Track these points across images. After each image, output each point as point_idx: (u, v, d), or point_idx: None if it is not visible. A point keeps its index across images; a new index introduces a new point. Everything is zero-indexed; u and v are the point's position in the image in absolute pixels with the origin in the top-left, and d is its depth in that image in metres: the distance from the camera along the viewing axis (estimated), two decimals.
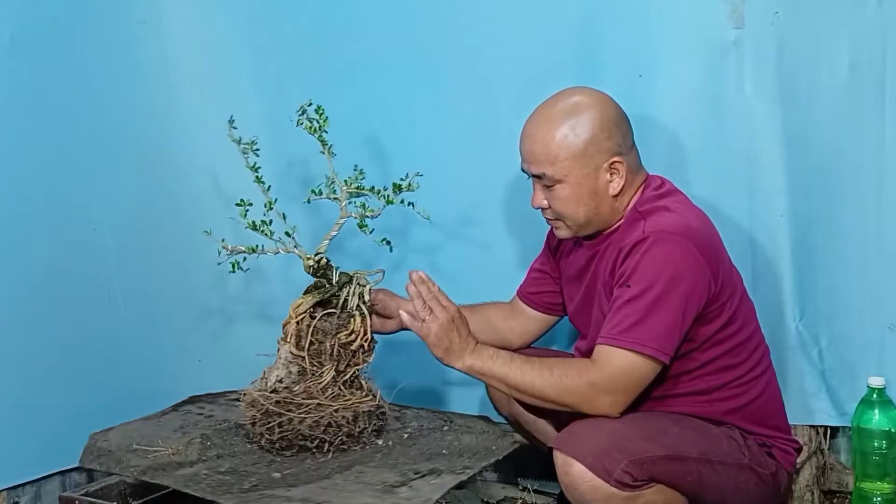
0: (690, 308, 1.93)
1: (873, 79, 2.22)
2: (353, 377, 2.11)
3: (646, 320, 1.90)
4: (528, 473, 2.60)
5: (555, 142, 1.99)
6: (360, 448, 2.09)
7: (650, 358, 1.91)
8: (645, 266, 1.92)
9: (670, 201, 2.04)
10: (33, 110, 2.40)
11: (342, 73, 2.56)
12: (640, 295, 1.91)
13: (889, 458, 2.20)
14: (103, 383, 2.53)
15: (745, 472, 2.00)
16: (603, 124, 2.00)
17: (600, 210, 2.04)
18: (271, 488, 1.92)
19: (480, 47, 2.48)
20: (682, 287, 1.91)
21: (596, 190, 2.01)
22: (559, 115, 2.01)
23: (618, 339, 1.91)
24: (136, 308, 2.60)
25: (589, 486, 1.85)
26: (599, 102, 2.03)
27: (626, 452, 1.86)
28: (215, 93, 2.67)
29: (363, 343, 2.12)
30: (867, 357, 2.31)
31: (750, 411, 2.05)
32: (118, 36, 2.56)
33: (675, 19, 2.32)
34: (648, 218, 2.00)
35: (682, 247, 1.93)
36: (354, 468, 2.00)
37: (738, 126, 2.31)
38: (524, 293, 2.34)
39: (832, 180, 2.29)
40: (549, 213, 2.07)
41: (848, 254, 2.30)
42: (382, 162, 2.46)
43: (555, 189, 2.02)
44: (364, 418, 2.10)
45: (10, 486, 2.38)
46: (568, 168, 1.99)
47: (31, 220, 2.40)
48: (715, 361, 2.02)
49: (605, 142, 2.00)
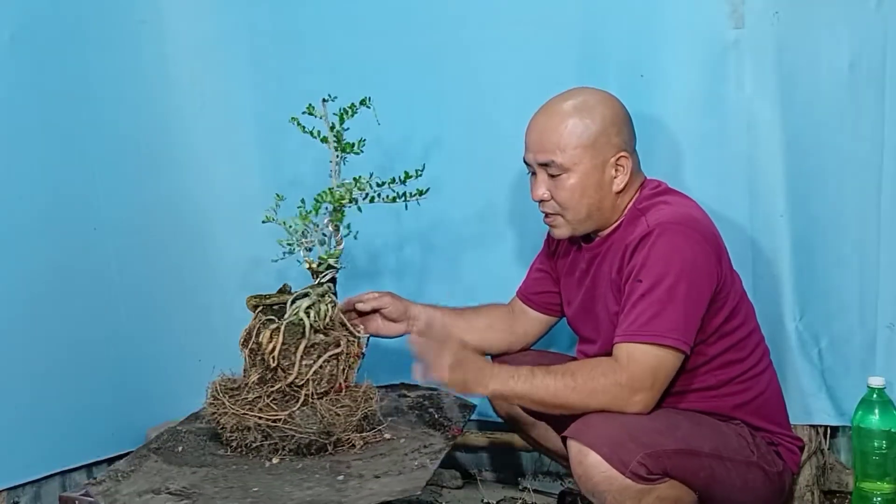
0: (703, 295, 1.95)
1: (873, 79, 2.22)
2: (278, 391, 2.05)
3: (662, 312, 1.90)
4: (528, 473, 2.60)
5: (567, 130, 2.01)
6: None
7: (672, 349, 1.91)
8: (653, 259, 1.93)
9: (668, 197, 2.06)
10: (34, 110, 2.40)
11: (342, 73, 2.55)
12: (653, 288, 1.91)
13: (889, 458, 2.20)
14: (103, 383, 2.53)
15: (753, 469, 2.00)
16: (613, 119, 2.03)
17: (602, 205, 2.04)
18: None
19: (481, 48, 2.48)
20: (692, 275, 1.93)
21: (601, 183, 2.03)
22: (571, 107, 2.03)
23: (637, 334, 1.91)
24: (137, 308, 2.60)
25: (604, 476, 1.83)
26: (609, 100, 2.07)
27: (642, 444, 1.85)
28: (215, 93, 2.67)
29: (271, 359, 2.03)
30: (867, 357, 2.31)
31: (756, 406, 2.06)
32: (118, 36, 2.56)
33: (676, 20, 2.32)
34: (649, 212, 2.02)
35: (687, 236, 1.95)
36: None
37: (738, 126, 2.31)
38: (525, 294, 2.32)
39: (832, 180, 2.29)
40: (549, 207, 2.07)
41: (848, 254, 2.30)
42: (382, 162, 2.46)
43: (560, 179, 2.02)
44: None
45: (10, 487, 2.38)
46: (578, 157, 2.01)
47: (32, 219, 2.40)
48: (723, 355, 2.02)
49: (615, 136, 2.03)
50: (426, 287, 2.58)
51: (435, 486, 2.64)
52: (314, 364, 2.03)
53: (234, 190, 2.66)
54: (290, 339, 2.04)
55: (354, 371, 2.11)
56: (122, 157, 2.57)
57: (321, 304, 2.08)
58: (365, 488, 1.86)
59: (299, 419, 2.01)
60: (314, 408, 2.02)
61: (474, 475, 2.55)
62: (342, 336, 2.09)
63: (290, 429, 2.00)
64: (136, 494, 1.88)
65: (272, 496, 1.86)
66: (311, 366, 2.03)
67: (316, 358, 2.04)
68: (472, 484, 2.58)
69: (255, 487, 1.90)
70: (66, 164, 2.46)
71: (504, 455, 2.65)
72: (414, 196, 2.11)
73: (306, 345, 2.03)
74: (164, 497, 1.87)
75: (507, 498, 2.54)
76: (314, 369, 2.03)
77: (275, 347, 2.03)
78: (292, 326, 2.05)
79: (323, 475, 1.93)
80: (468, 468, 2.67)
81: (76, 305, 2.48)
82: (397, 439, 2.09)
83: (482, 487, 2.58)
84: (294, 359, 2.02)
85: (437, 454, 2.01)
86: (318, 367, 2.03)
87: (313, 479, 1.92)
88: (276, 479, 1.93)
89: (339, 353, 2.06)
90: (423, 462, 1.97)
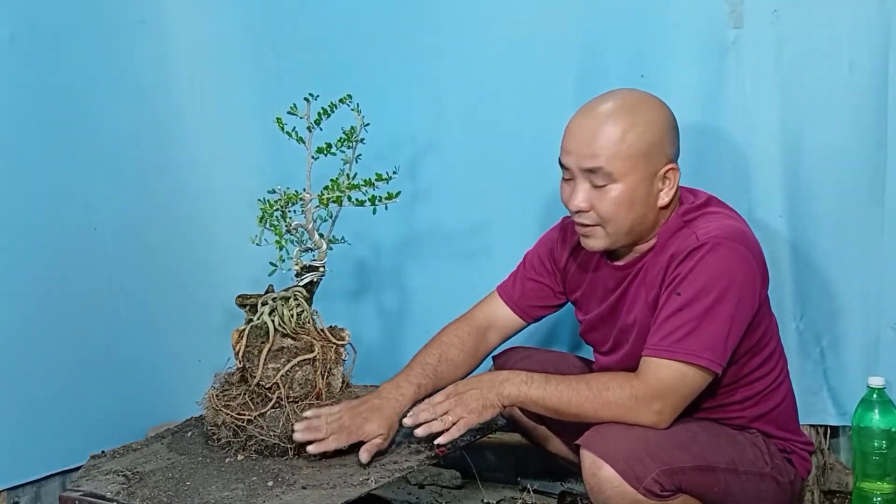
0: (746, 316, 1.87)
1: (873, 78, 2.22)
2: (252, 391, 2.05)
3: (699, 329, 1.82)
4: (528, 473, 2.60)
5: (619, 136, 1.86)
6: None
7: (702, 369, 1.84)
8: (698, 273, 1.84)
9: (715, 209, 1.97)
10: (33, 110, 2.40)
11: (341, 73, 2.55)
12: (692, 302, 1.83)
13: (889, 458, 2.19)
14: (103, 383, 2.54)
15: (766, 480, 1.96)
16: (669, 126, 1.92)
17: (646, 220, 1.93)
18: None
19: (481, 48, 2.48)
20: (737, 294, 1.84)
21: (648, 196, 1.90)
22: (622, 111, 1.88)
23: (669, 350, 1.84)
24: (137, 308, 2.60)
25: (616, 491, 1.79)
26: (660, 105, 1.94)
27: (659, 461, 1.80)
28: (215, 93, 2.67)
29: (237, 360, 2.06)
30: (868, 357, 2.31)
31: (773, 416, 2.03)
32: (118, 36, 2.56)
33: (676, 19, 2.32)
34: (697, 225, 1.92)
35: (739, 254, 1.86)
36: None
37: (738, 126, 2.31)
38: (520, 305, 2.20)
39: (832, 180, 2.28)
40: (588, 218, 1.93)
41: (848, 253, 2.30)
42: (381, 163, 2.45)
43: (607, 188, 1.89)
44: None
45: (10, 487, 2.38)
46: (630, 167, 1.87)
47: (32, 220, 2.40)
48: (752, 373, 1.98)
49: (667, 146, 1.91)
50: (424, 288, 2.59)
51: (435, 486, 2.64)
52: (282, 368, 2.03)
53: (233, 190, 2.66)
54: (254, 342, 2.05)
55: (337, 377, 2.09)
56: (121, 157, 2.57)
57: (284, 308, 2.06)
58: (278, 497, 1.86)
59: (266, 421, 2.01)
60: (284, 411, 2.01)
61: (474, 475, 2.55)
62: (317, 341, 2.07)
63: (255, 429, 2.01)
64: (103, 472, 2.01)
65: (192, 492, 1.90)
66: (278, 370, 2.02)
67: (285, 362, 2.03)
68: (473, 484, 2.58)
69: (188, 482, 1.94)
70: (66, 164, 2.46)
71: (504, 455, 2.65)
72: (383, 200, 2.05)
73: (270, 348, 2.03)
74: (112, 477, 1.99)
75: (507, 498, 2.54)
76: (282, 373, 2.02)
77: (240, 349, 2.05)
78: (256, 329, 2.06)
79: (258, 478, 1.94)
80: (468, 468, 2.66)
81: (76, 306, 2.49)
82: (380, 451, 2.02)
83: (482, 487, 2.58)
84: (257, 361, 2.03)
85: (396, 472, 1.94)
86: (286, 371, 2.02)
87: (248, 480, 1.93)
88: (218, 476, 1.96)
89: (313, 359, 2.05)
90: (372, 479, 1.90)
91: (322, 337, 2.08)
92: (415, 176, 2.50)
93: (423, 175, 2.11)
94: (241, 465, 2.00)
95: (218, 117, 2.68)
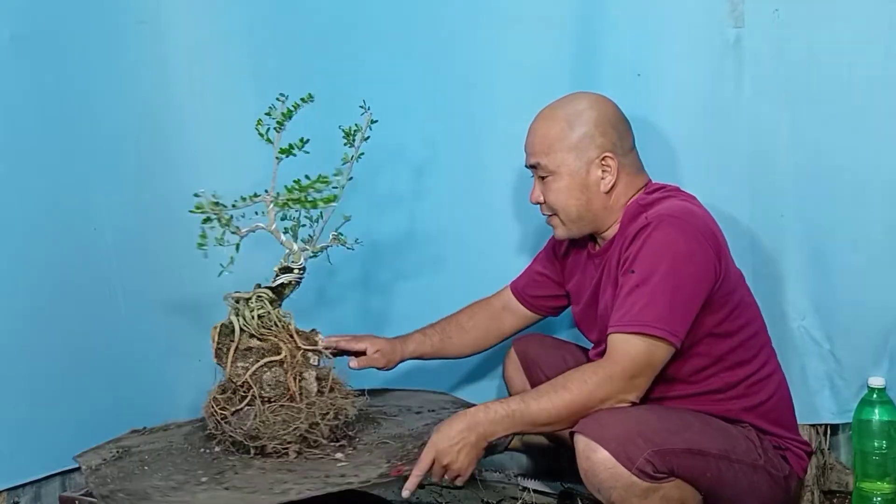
0: (697, 289, 1.94)
1: (874, 77, 2.22)
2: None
3: (652, 303, 1.91)
4: (528, 473, 2.60)
5: (551, 134, 2.07)
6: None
7: (660, 340, 1.91)
8: (647, 250, 1.94)
9: (671, 193, 2.07)
10: (33, 110, 2.39)
11: (340, 73, 2.55)
12: (645, 279, 1.92)
13: (889, 458, 2.20)
14: (103, 383, 2.53)
15: (759, 472, 1.99)
16: (598, 121, 2.07)
17: (592, 206, 2.08)
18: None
19: (478, 47, 2.48)
20: (686, 268, 1.93)
21: (587, 184, 2.06)
22: (559, 112, 2.09)
23: (627, 325, 1.92)
24: (137, 308, 2.60)
25: (610, 473, 1.84)
26: (598, 103, 2.10)
27: (651, 442, 1.86)
28: (215, 93, 2.67)
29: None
30: (869, 357, 2.31)
31: (764, 410, 2.06)
32: (118, 36, 2.56)
33: (674, 18, 2.32)
34: (650, 207, 2.03)
35: (684, 229, 1.95)
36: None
37: (738, 125, 2.31)
38: (524, 295, 2.35)
39: (833, 180, 2.28)
40: (546, 209, 2.13)
41: (850, 253, 2.30)
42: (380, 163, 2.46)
43: (548, 181, 2.08)
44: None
45: (10, 487, 2.38)
46: (560, 159, 2.06)
47: (32, 219, 2.40)
48: (728, 356, 2.02)
49: (599, 137, 2.06)
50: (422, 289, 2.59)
51: (435, 485, 2.63)
52: (250, 368, 2.04)
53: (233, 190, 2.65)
54: (224, 340, 2.09)
55: (310, 381, 2.07)
56: (121, 157, 2.57)
57: (245, 308, 2.08)
58: (192, 494, 1.88)
59: (236, 418, 2.03)
60: (254, 410, 2.03)
61: (474, 475, 2.55)
62: (283, 343, 2.07)
63: (227, 425, 2.04)
64: (111, 445, 2.16)
65: (139, 477, 1.96)
66: (247, 369, 2.04)
67: (253, 362, 2.05)
68: (472, 484, 2.58)
69: (147, 467, 2.02)
70: (66, 164, 2.46)
71: (504, 455, 2.64)
72: (319, 202, 2.04)
73: (237, 347, 2.06)
74: (105, 453, 2.11)
75: (507, 498, 2.54)
76: (251, 372, 2.04)
77: (214, 346, 2.09)
78: (226, 328, 2.09)
79: (204, 472, 1.98)
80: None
81: (76, 305, 2.48)
82: (347, 461, 2.01)
83: (482, 487, 2.57)
84: (226, 359, 2.06)
85: (328, 487, 1.89)
86: (253, 371, 2.04)
87: (193, 473, 1.98)
88: (173, 466, 2.01)
89: (280, 361, 2.05)
90: (316, 486, 1.88)
91: (290, 340, 2.08)
92: (415, 176, 2.51)
93: (424, 175, 2.12)
94: (205, 458, 2.05)
95: (218, 117, 2.67)
